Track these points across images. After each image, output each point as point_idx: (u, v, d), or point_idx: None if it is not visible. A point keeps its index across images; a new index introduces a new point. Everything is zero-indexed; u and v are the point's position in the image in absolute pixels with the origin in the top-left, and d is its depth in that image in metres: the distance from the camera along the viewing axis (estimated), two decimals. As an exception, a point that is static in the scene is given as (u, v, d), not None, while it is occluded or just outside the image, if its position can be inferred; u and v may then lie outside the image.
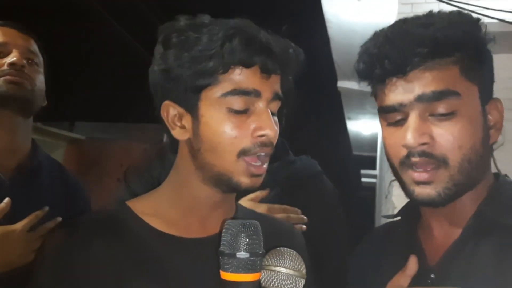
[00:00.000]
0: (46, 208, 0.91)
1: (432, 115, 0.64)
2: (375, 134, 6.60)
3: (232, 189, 0.66)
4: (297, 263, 0.62)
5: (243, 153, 0.63)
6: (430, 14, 0.68)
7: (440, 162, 0.63)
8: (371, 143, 7.37)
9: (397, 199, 2.51)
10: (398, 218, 0.77)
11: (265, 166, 0.66)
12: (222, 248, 0.57)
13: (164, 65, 0.65)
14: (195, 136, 0.65)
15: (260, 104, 0.64)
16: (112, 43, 4.55)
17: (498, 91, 0.78)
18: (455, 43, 0.64)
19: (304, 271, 0.62)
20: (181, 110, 0.66)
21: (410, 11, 2.56)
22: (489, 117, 0.67)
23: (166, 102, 0.66)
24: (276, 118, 0.68)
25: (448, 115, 0.63)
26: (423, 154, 0.63)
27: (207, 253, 0.63)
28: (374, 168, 7.87)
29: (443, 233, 0.69)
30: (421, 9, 2.86)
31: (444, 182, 0.63)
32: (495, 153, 0.92)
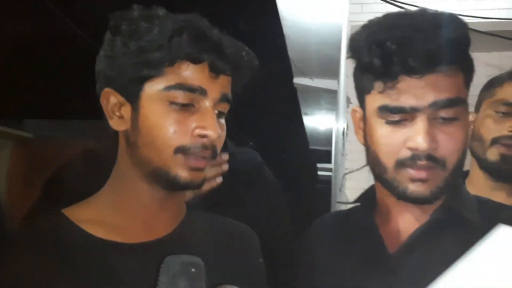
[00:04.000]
0: None
1: (435, 118, 0.65)
2: (330, 129, 6.79)
3: (170, 185, 0.63)
4: None
5: (181, 150, 0.61)
6: (429, 11, 0.67)
7: (439, 165, 0.65)
8: (327, 137, 7.58)
9: (349, 192, 2.62)
10: (355, 204, 0.79)
11: (206, 161, 0.64)
12: None
13: (110, 51, 0.63)
14: (133, 128, 0.63)
15: (206, 103, 0.62)
16: (64, 37, 4.36)
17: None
18: (462, 47, 0.65)
19: None
20: (121, 99, 0.64)
21: (360, 11, 2.67)
22: None
23: (107, 90, 0.64)
24: (223, 120, 0.67)
25: (451, 120, 0.65)
26: (429, 157, 0.64)
27: (153, 258, 0.59)
28: (329, 162, 8.10)
29: (401, 222, 0.71)
30: (370, 9, 2.99)
31: (438, 181, 0.65)
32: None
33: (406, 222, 0.70)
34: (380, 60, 0.64)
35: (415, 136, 0.63)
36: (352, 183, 2.58)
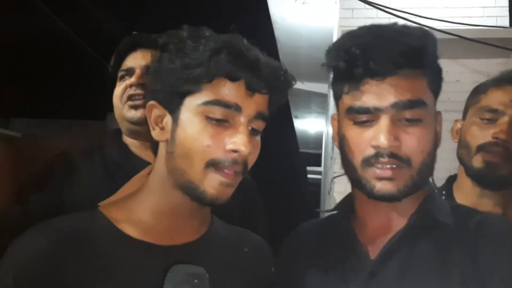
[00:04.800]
0: None
1: (400, 119, 0.68)
2: (320, 132, 6.83)
3: (198, 199, 0.66)
4: None
5: (212, 164, 0.64)
6: (399, 24, 0.72)
7: (404, 163, 0.67)
8: (317, 140, 7.62)
9: (338, 195, 2.64)
10: (333, 212, 0.80)
11: (236, 176, 0.66)
12: None
13: (157, 67, 0.67)
14: (172, 139, 0.66)
15: (241, 119, 0.65)
16: (53, 38, 4.32)
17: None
18: (426, 55, 0.69)
19: None
20: (164, 111, 0.67)
21: (351, 16, 2.70)
22: (437, 126, 0.73)
23: (152, 102, 0.68)
24: (258, 138, 0.69)
25: (415, 121, 0.68)
26: (391, 155, 0.67)
27: (179, 259, 0.64)
28: (319, 165, 8.14)
29: (379, 228, 0.72)
30: (361, 14, 3.02)
31: (405, 180, 0.68)
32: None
33: (384, 227, 0.72)
34: (345, 63, 0.68)
35: (378, 134, 0.66)
36: (340, 186, 2.59)
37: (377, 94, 0.67)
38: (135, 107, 1.04)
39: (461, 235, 0.67)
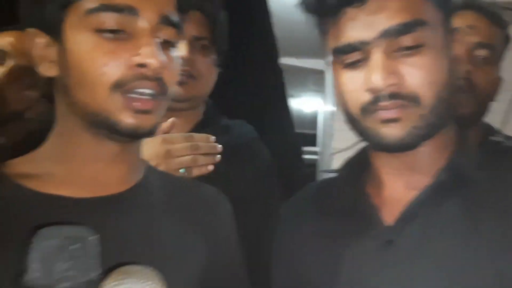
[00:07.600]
0: None
1: (398, 50, 0.56)
2: (316, 112, 6.74)
3: (113, 132, 0.55)
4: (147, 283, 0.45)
5: (118, 86, 0.53)
6: None
7: (411, 101, 0.57)
8: (313, 120, 7.52)
9: (337, 173, 2.56)
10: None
11: (155, 101, 0.55)
12: (30, 278, 0.40)
13: None
14: (62, 68, 0.55)
15: (141, 26, 0.53)
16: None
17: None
18: None
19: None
20: (47, 38, 0.56)
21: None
22: (454, 48, 0.62)
23: (31, 30, 0.56)
24: (174, 52, 0.57)
25: (416, 48, 0.56)
26: (392, 96, 0.56)
27: (104, 213, 0.56)
28: (315, 145, 8.09)
29: (398, 188, 0.63)
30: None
31: (414, 121, 0.57)
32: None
33: (402, 188, 0.62)
34: None
35: (370, 74, 0.56)
36: (340, 163, 2.52)
37: (360, 25, 0.57)
38: (179, 83, 0.95)
39: (495, 195, 0.57)
